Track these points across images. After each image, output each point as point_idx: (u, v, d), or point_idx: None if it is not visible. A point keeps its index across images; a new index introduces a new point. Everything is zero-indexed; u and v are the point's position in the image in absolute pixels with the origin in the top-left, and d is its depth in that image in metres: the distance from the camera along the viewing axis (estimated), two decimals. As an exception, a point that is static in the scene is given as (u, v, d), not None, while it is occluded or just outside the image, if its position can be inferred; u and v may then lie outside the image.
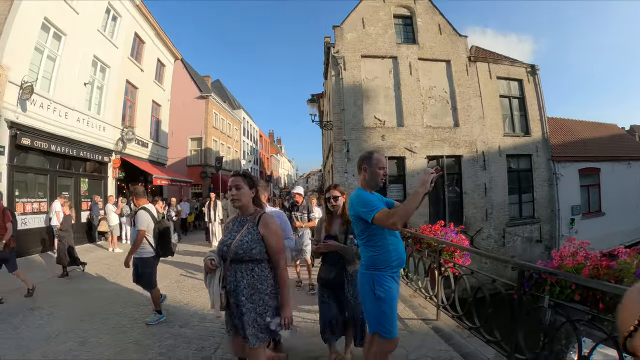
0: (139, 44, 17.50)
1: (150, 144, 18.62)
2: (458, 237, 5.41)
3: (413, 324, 4.35)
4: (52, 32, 11.13)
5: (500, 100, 15.77)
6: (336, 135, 14.19)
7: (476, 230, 14.31)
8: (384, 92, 14.67)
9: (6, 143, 9.38)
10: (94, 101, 13.87)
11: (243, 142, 39.19)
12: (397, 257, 2.59)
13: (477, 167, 14.78)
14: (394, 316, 2.55)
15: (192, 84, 28.08)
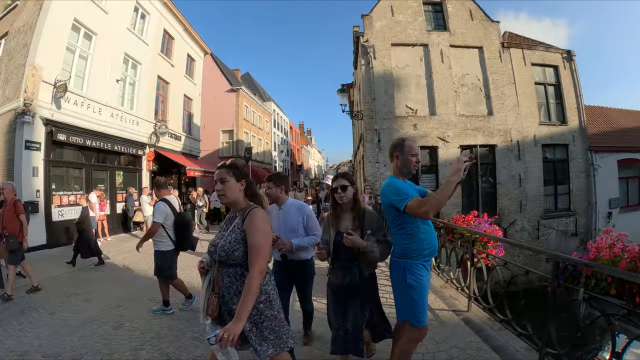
0: (169, 40, 18.00)
1: (183, 137, 19.22)
2: (492, 227, 5.33)
3: (444, 314, 4.34)
4: (82, 32, 11.68)
5: (535, 88, 15.08)
6: (367, 124, 14.10)
7: (510, 222, 13.88)
8: (415, 81, 14.38)
9: (42, 139, 10.02)
10: (126, 97, 14.49)
11: (274, 133, 39.60)
12: (429, 246, 2.58)
13: (512, 157, 14.27)
14: (424, 305, 2.55)
15: (223, 78, 28.65)
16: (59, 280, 6.90)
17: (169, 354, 3.69)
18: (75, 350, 3.87)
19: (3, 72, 10.86)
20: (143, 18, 15.48)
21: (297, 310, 3.99)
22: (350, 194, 2.85)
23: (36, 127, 9.81)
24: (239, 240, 2.05)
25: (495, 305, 3.92)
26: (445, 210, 11.52)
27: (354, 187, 2.87)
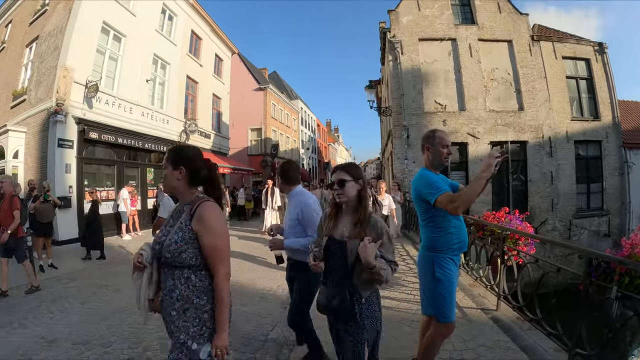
0: (196, 41, 18.43)
1: (213, 135, 19.67)
2: (523, 224, 5.21)
3: (472, 313, 4.27)
4: (112, 35, 12.16)
5: (566, 82, 14.48)
6: (395, 121, 13.95)
7: (541, 221, 13.39)
8: (444, 76, 14.12)
9: (75, 137, 10.51)
10: (156, 96, 14.98)
11: (301, 131, 39.83)
12: (458, 240, 2.54)
13: (543, 153, 13.76)
14: (452, 300, 2.50)
15: (250, 77, 29.08)
16: (89, 272, 7.19)
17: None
18: (104, 338, 4.01)
19: (35, 74, 11.47)
20: (170, 19, 15.90)
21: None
22: (352, 191, 2.15)
23: (69, 125, 10.30)
24: (187, 241, 1.74)
25: (525, 304, 3.84)
26: (476, 208, 11.36)
27: (360, 182, 2.17)
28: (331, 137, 65.18)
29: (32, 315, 4.77)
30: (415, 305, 4.48)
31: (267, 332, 3.99)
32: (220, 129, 20.93)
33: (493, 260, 4.76)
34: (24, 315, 4.76)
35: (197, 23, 18.07)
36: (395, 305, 4.65)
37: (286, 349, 3.58)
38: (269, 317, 4.41)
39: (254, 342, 3.76)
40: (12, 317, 4.70)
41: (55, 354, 3.69)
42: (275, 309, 4.70)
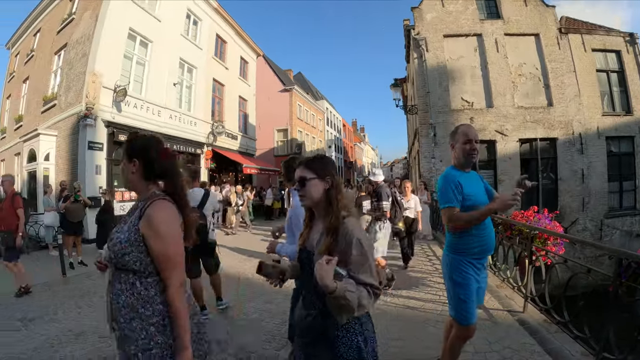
0: (221, 44, 18.84)
1: (239, 136, 20.04)
2: (552, 224, 5.08)
3: (498, 314, 4.20)
4: (138, 40, 12.61)
5: (597, 75, 13.82)
6: (422, 119, 13.79)
7: (571, 221, 12.86)
8: (470, 72, 13.82)
9: (104, 140, 10.99)
10: (184, 99, 15.42)
11: (327, 131, 39.84)
12: (479, 244, 2.45)
13: (574, 150, 13.18)
14: (469, 303, 2.46)
15: (275, 78, 29.41)
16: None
17: (219, 339, 3.85)
18: None
19: (65, 80, 12.06)
20: (195, 24, 16.31)
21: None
22: (316, 192, 1.67)
23: (98, 129, 10.75)
24: (132, 242, 1.54)
25: (552, 306, 3.75)
26: None
27: (327, 180, 1.68)
28: (357, 136, 64.79)
29: (62, 310, 4.97)
30: (440, 306, 4.50)
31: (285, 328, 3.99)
32: (247, 131, 21.28)
33: (521, 260, 4.66)
34: (53, 310, 4.97)
35: (221, 27, 18.45)
36: (420, 305, 4.65)
37: None
38: (286, 314, 4.39)
39: (278, 339, 3.85)
40: (42, 311, 4.91)
41: (82, 346, 3.84)
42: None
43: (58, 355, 3.66)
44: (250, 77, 22.19)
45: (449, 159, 13.94)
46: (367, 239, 1.65)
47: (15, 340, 4.04)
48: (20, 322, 4.55)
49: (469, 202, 2.40)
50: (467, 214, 2.37)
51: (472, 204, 2.40)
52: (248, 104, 21.72)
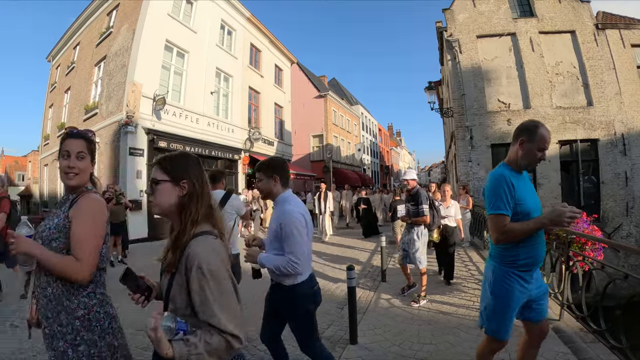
0: (256, 53, 19.18)
1: (276, 142, 20.27)
2: (590, 227, 4.71)
3: None
4: (175, 51, 13.05)
5: (638, 72, 12.92)
6: (458, 122, 13.46)
7: (615, 227, 11.97)
8: (506, 73, 13.37)
9: (145, 146, 11.41)
10: (221, 107, 15.83)
11: (362, 136, 39.56)
12: (527, 257, 2.16)
13: (616, 152, 12.31)
14: (505, 318, 2.22)
15: (310, 85, 29.65)
16: (158, 268, 7.50)
17: (250, 338, 3.84)
18: None
19: (105, 90, 12.67)
20: (230, 34, 16.70)
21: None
22: (166, 198, 1.35)
23: (139, 136, 11.19)
24: (61, 228, 1.54)
25: (589, 314, 3.57)
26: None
27: (183, 184, 1.35)
28: (393, 141, 64.02)
29: (118, 303, 5.04)
30: (474, 311, 4.37)
31: (323, 330, 3.98)
32: (283, 137, 21.49)
33: (558, 266, 4.40)
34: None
35: (255, 36, 18.79)
36: (454, 310, 4.51)
37: (339, 347, 3.60)
38: (325, 316, 4.42)
39: None
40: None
41: None
42: (331, 307, 4.74)
43: None
44: (285, 84, 22.46)
45: (486, 163, 13.66)
46: (218, 265, 1.22)
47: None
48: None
49: (521, 208, 2.13)
50: (519, 228, 2.08)
51: (524, 210, 2.13)
52: (284, 111, 21.97)
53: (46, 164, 18.62)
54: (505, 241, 2.10)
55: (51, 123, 18.78)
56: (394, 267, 6.86)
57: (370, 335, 3.82)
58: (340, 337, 3.81)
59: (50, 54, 20.31)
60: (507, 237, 2.08)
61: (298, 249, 2.22)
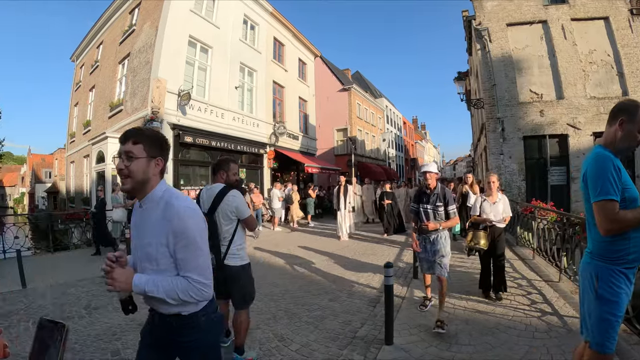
0: (279, 47, 19.09)
1: (300, 136, 20.20)
2: None
3: (573, 322, 3.77)
4: (199, 47, 13.08)
5: None
6: (488, 113, 13.04)
7: None
8: (538, 62, 12.78)
9: (170, 141, 11.22)
10: (246, 101, 15.84)
11: (387, 129, 38.85)
12: (636, 249, 1.89)
13: None
14: (616, 326, 1.93)
15: (334, 78, 29.31)
16: None
17: (282, 335, 3.78)
18: None
19: (130, 86, 12.89)
20: (252, 29, 16.64)
21: None
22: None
23: (164, 131, 11.17)
24: None
25: (634, 315, 3.41)
26: (577, 208, 10.40)
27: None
28: (418, 134, 62.96)
29: None
30: (511, 311, 4.18)
31: (356, 329, 3.88)
32: (307, 131, 21.39)
33: None
34: (117, 300, 5.05)
35: (278, 30, 18.67)
36: (491, 310, 4.28)
37: (374, 347, 3.43)
38: (357, 315, 4.31)
39: (342, 339, 3.68)
40: (107, 301, 5.03)
41: None
42: (363, 306, 4.62)
43: (120, 342, 3.67)
44: (309, 78, 22.30)
45: (518, 155, 13.17)
46: None
47: (79, 326, 4.11)
48: (85, 309, 4.67)
49: (628, 193, 1.87)
50: (632, 216, 1.81)
51: (632, 196, 1.87)
52: (308, 105, 21.83)
53: (72, 160, 19.32)
54: (617, 231, 1.83)
55: (77, 121, 19.41)
56: None
57: (406, 336, 3.64)
58: (374, 337, 3.64)
59: (74, 54, 20.97)
60: (620, 226, 1.81)
61: (204, 264, 1.56)
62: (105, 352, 3.46)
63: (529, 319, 3.87)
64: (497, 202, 4.73)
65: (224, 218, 2.99)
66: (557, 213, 6.08)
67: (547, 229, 6.04)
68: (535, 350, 3.19)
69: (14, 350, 3.39)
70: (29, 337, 3.86)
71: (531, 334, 3.52)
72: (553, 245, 5.71)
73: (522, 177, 12.09)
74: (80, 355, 3.40)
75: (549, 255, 5.80)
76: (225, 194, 2.98)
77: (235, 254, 3.04)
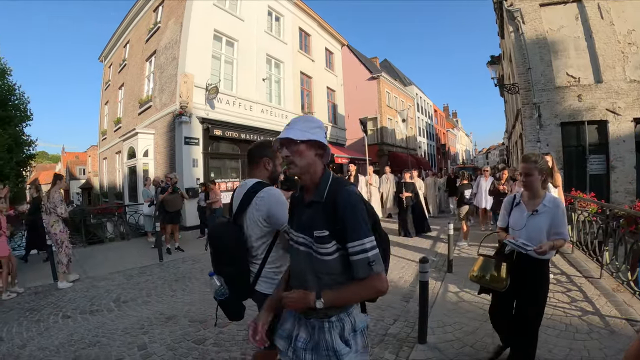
0: (305, 37, 18.85)
1: (329, 127, 19.96)
2: None
3: (615, 323, 3.53)
4: (224, 41, 13.05)
5: None
6: (524, 98, 12.26)
7: None
8: (574, 43, 11.86)
9: (200, 135, 11.57)
10: (274, 93, 15.76)
11: (417, 118, 37.93)
12: None
13: None
14: None
15: (362, 67, 28.78)
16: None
17: None
18: (222, 318, 3.95)
19: (158, 83, 13.06)
20: (277, 20, 16.47)
21: None
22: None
23: (193, 125, 11.34)
24: None
25: None
26: (617, 199, 9.86)
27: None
28: (449, 122, 61.09)
29: (155, 293, 5.08)
30: (550, 309, 3.73)
31: (388, 326, 3.74)
32: (336, 121, 21.13)
33: None
34: (147, 293, 5.10)
35: (303, 20, 18.42)
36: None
37: (407, 346, 3.26)
38: (389, 310, 4.14)
39: (374, 336, 3.50)
40: (136, 294, 5.06)
41: (171, 329, 3.79)
42: (394, 300, 4.42)
43: (147, 336, 3.63)
44: (337, 67, 21.96)
45: (555, 143, 12.41)
46: None
47: (107, 320, 4.09)
48: (114, 303, 4.67)
49: None
50: None
51: None
52: (336, 94, 21.52)
53: (104, 157, 19.97)
54: None
55: (107, 119, 19.99)
56: (460, 257, 6.32)
57: (440, 334, 3.41)
58: (407, 335, 3.47)
59: (102, 55, 21.60)
60: None
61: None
62: (132, 346, 3.43)
63: (568, 318, 3.57)
64: (540, 209, 2.55)
65: (252, 228, 2.05)
66: (599, 204, 5.61)
67: (588, 222, 5.58)
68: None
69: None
70: (58, 330, 3.89)
71: (571, 334, 3.24)
72: (594, 239, 5.28)
73: (559, 166, 11.31)
74: (107, 349, 3.37)
75: (590, 249, 5.38)
76: (254, 195, 2.05)
77: (270, 278, 2.09)
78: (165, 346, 3.39)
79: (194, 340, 3.49)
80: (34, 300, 4.96)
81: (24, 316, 4.36)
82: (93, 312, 4.39)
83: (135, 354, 3.27)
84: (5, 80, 17.20)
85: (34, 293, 5.33)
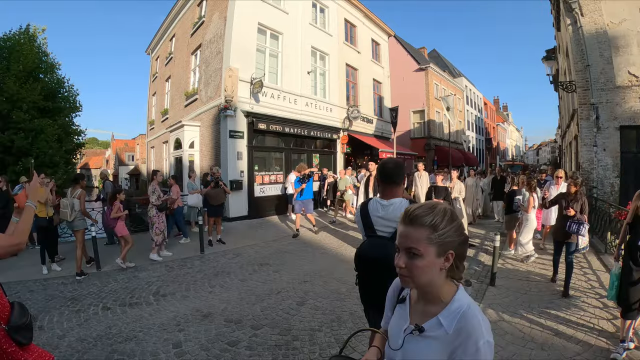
0: (351, 28, 18.46)
1: (375, 120, 19.60)
2: None
3: None
4: (269, 34, 13.01)
5: None
6: (581, 98, 11.16)
7: None
8: (637, 39, 10.64)
9: (245, 129, 11.60)
10: (318, 86, 15.57)
11: (467, 111, 36.25)
12: None
13: None
14: None
15: (409, 58, 27.85)
16: (254, 249, 7.62)
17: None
18: (257, 319, 3.97)
19: (203, 76, 13.23)
20: (322, 12, 16.22)
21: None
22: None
23: (238, 119, 11.38)
24: None
25: None
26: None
27: None
28: (500, 116, 57.96)
29: (194, 288, 5.05)
30: (593, 337, 3.46)
31: None
32: (382, 114, 20.67)
33: None
34: (186, 287, 5.08)
35: (349, 11, 18.03)
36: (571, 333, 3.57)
37: None
38: None
39: None
40: (175, 288, 5.04)
41: (206, 328, 3.73)
42: None
43: (182, 334, 3.56)
44: (383, 58, 21.40)
45: (613, 148, 11.24)
46: None
47: (145, 313, 4.07)
48: (153, 296, 4.66)
49: None
50: None
51: None
52: (382, 87, 21.04)
53: (152, 146, 20.79)
54: None
55: (155, 109, 20.74)
56: (504, 268, 5.80)
57: None
58: None
59: (149, 47, 22.40)
60: None
61: None
62: (167, 343, 3.36)
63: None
64: (429, 328, 1.11)
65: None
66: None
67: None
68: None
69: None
70: (97, 321, 3.90)
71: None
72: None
73: (616, 173, 10.22)
74: (143, 344, 3.33)
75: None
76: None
77: None
78: (199, 346, 3.32)
79: (227, 342, 3.40)
80: (77, 290, 5.07)
81: (65, 305, 4.46)
82: (132, 305, 4.41)
83: (169, 352, 3.20)
84: (54, 74, 18.05)
85: (76, 282, 5.43)
